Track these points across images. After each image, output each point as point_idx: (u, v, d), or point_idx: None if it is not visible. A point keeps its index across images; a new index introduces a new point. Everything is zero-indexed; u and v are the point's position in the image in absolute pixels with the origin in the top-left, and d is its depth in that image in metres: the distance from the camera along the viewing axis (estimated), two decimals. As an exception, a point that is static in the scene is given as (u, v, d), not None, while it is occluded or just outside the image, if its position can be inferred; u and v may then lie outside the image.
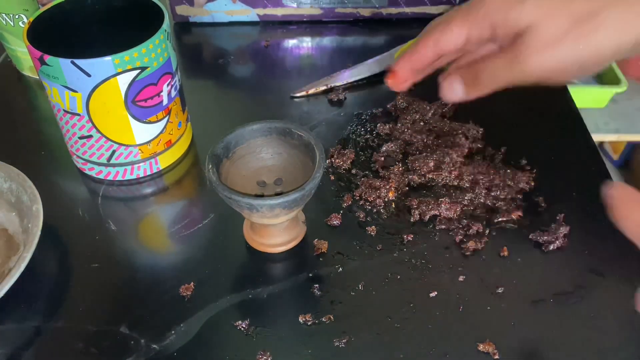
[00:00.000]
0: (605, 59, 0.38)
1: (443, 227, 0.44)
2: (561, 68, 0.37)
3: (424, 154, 0.49)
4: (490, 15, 0.39)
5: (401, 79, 0.44)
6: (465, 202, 0.46)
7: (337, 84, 0.59)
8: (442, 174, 0.48)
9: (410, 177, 0.48)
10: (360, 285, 0.41)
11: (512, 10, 0.38)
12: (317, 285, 0.41)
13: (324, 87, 0.58)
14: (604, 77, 1.32)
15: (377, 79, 0.59)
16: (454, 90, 0.41)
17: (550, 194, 0.47)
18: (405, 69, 0.44)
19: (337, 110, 0.56)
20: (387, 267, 0.42)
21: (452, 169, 0.48)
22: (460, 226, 0.44)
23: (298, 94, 0.58)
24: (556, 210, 0.45)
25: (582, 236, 0.44)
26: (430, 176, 0.48)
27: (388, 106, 0.55)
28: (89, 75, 0.42)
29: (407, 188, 0.48)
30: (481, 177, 0.47)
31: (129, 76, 0.43)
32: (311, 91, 0.58)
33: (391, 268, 0.42)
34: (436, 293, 0.40)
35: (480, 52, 0.42)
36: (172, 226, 0.46)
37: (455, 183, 0.47)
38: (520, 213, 0.45)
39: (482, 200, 0.46)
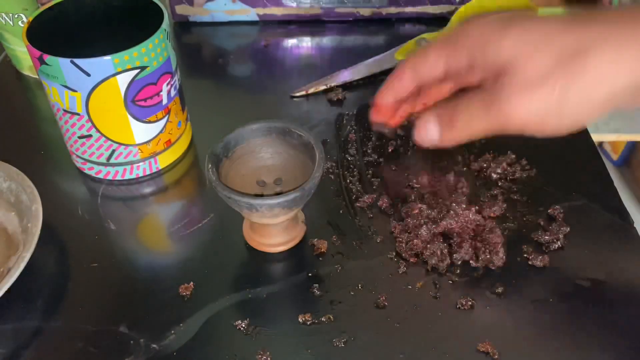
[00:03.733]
0: (596, 107, 0.31)
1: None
2: (543, 116, 0.32)
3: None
4: (468, 47, 0.34)
5: (385, 112, 0.42)
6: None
7: (337, 83, 0.58)
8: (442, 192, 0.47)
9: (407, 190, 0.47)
10: (360, 285, 0.41)
11: (491, 43, 0.33)
12: (316, 285, 0.41)
13: (323, 87, 0.58)
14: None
15: (376, 79, 0.59)
16: (427, 132, 0.37)
17: (550, 194, 0.47)
18: (387, 99, 0.41)
19: (337, 109, 0.56)
20: (387, 267, 0.42)
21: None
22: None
23: (298, 94, 0.58)
24: (556, 210, 0.45)
25: (582, 236, 0.44)
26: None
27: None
28: (88, 75, 0.42)
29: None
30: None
31: (128, 76, 0.43)
32: (311, 91, 0.58)
33: (391, 268, 0.42)
34: (436, 293, 0.40)
35: (468, 84, 0.37)
36: (172, 226, 0.46)
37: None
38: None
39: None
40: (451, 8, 0.67)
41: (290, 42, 0.67)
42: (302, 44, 0.66)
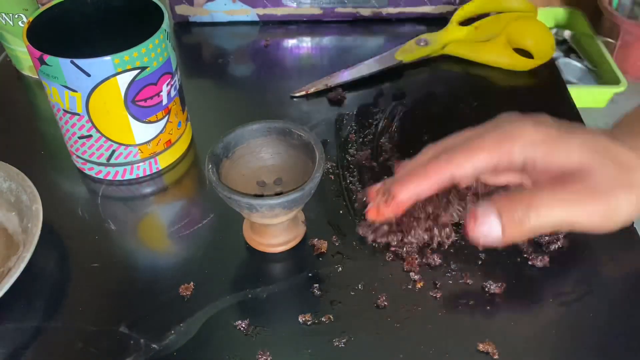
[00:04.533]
0: None
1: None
2: (618, 217, 0.34)
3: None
4: (526, 149, 0.34)
5: (398, 207, 0.36)
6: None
7: (337, 83, 0.58)
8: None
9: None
10: (360, 285, 0.41)
11: (559, 149, 0.34)
12: (316, 285, 0.41)
13: (323, 87, 0.58)
14: (603, 77, 1.32)
15: (376, 78, 0.59)
16: (489, 228, 0.33)
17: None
18: (409, 195, 0.36)
19: (337, 110, 0.56)
20: (387, 267, 0.42)
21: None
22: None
23: (297, 94, 0.58)
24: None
25: (582, 236, 0.44)
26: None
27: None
28: (88, 75, 0.42)
29: None
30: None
31: (128, 76, 0.43)
32: (311, 91, 0.58)
33: (391, 268, 0.42)
34: (436, 293, 0.40)
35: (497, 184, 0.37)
36: (172, 226, 0.46)
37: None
38: None
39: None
40: (451, 8, 0.67)
41: (290, 42, 0.67)
42: (302, 44, 0.66)
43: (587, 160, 0.34)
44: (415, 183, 0.35)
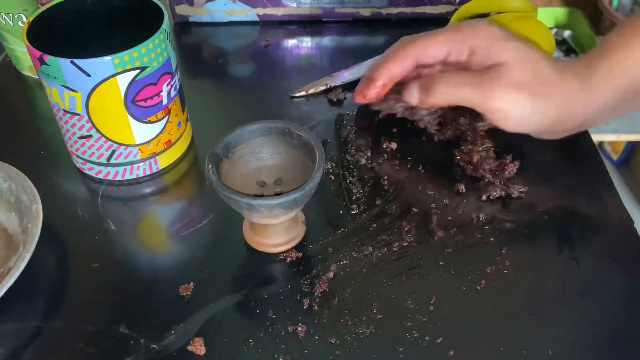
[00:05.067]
0: (555, 127, 0.44)
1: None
2: (509, 112, 0.42)
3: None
4: (474, 40, 0.43)
5: (378, 87, 0.48)
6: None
7: (337, 83, 0.58)
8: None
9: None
10: (359, 285, 0.41)
11: (496, 44, 0.42)
12: (317, 285, 0.40)
13: (323, 87, 0.58)
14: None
15: None
16: (411, 95, 0.45)
17: (549, 195, 0.47)
18: (385, 76, 0.47)
19: (337, 109, 0.56)
20: (387, 267, 0.42)
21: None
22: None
23: (298, 94, 0.58)
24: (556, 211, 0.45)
25: (582, 236, 0.44)
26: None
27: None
28: (88, 75, 0.42)
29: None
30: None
31: (128, 76, 0.43)
32: (311, 91, 0.58)
33: (391, 268, 0.42)
34: (436, 292, 0.40)
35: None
36: (172, 226, 0.46)
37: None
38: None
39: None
40: (451, 8, 0.67)
41: (290, 42, 0.67)
42: (302, 44, 0.66)
43: (512, 61, 0.41)
44: (388, 67, 0.47)
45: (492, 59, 0.42)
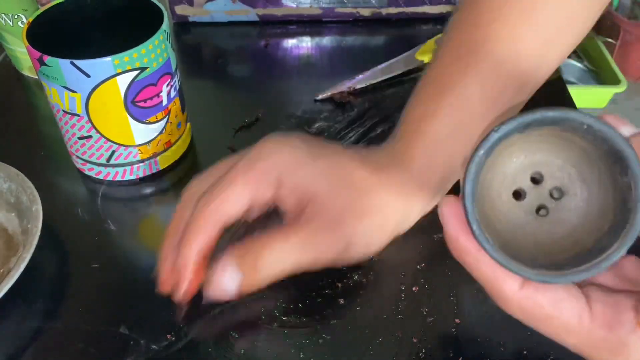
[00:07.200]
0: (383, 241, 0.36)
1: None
2: (359, 247, 0.34)
3: None
4: (275, 171, 0.34)
5: (189, 278, 0.35)
6: None
7: (361, 86, 0.58)
8: None
9: None
10: (359, 285, 0.41)
11: (302, 174, 0.33)
12: (317, 285, 0.40)
13: (347, 89, 0.57)
14: (603, 77, 1.32)
15: (398, 80, 0.59)
16: (225, 282, 0.32)
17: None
18: (194, 257, 0.34)
19: (350, 113, 0.56)
20: (387, 267, 0.42)
21: None
22: None
23: (321, 96, 0.57)
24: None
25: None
26: None
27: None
28: (88, 76, 0.42)
29: None
30: None
31: (128, 77, 0.43)
32: (335, 93, 0.57)
33: (391, 267, 0.42)
34: (436, 292, 0.40)
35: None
36: (172, 226, 0.46)
37: None
38: None
39: None
40: (451, 8, 0.67)
41: (290, 42, 0.67)
42: (302, 44, 0.66)
43: (322, 189, 0.33)
44: (195, 240, 0.34)
45: (302, 192, 0.33)
